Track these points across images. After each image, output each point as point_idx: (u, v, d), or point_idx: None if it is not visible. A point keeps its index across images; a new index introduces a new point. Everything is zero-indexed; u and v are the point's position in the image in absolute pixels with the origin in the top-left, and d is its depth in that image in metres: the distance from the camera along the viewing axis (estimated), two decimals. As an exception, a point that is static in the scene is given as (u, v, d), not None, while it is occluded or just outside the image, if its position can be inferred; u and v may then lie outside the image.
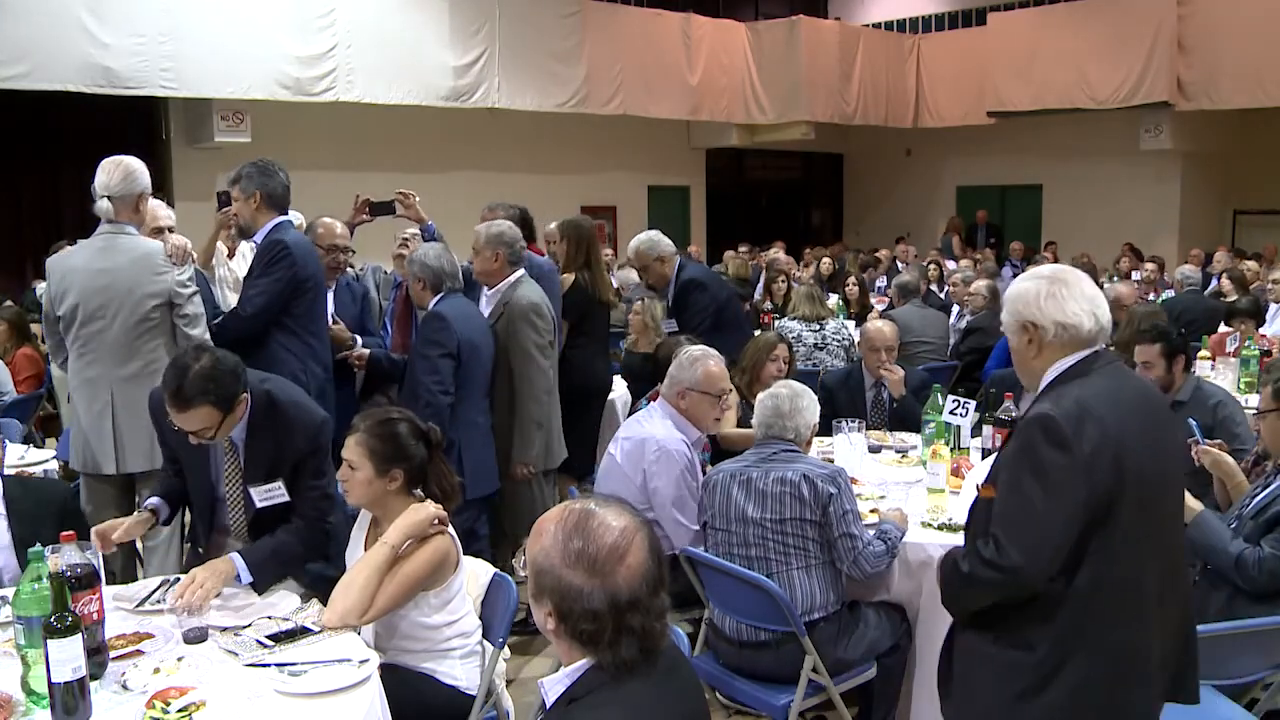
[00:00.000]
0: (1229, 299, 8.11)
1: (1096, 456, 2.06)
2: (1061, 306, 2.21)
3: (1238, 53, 12.59)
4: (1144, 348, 4.22)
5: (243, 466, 2.98)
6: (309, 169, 10.29)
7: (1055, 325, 2.21)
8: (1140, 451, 2.12)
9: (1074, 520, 2.07)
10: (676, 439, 3.62)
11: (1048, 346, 2.23)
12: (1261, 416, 3.27)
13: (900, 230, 16.18)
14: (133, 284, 3.62)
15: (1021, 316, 2.25)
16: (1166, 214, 14.66)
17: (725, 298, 5.66)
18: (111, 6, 9.12)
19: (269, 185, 3.96)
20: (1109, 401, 2.13)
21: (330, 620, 2.52)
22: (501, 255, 4.35)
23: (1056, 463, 2.07)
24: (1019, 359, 2.33)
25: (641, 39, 13.33)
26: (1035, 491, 2.09)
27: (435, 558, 2.65)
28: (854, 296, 8.74)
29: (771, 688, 3.13)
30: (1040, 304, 2.22)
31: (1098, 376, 2.18)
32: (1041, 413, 2.13)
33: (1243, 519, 3.10)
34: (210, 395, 2.75)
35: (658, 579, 1.67)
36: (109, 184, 3.63)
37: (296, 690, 2.22)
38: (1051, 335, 2.22)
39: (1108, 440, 2.07)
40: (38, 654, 2.12)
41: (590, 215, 13.99)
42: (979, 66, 14.86)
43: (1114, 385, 2.18)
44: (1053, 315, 2.21)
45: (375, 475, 2.67)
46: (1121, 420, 2.12)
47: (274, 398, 2.94)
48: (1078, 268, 2.48)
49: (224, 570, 2.75)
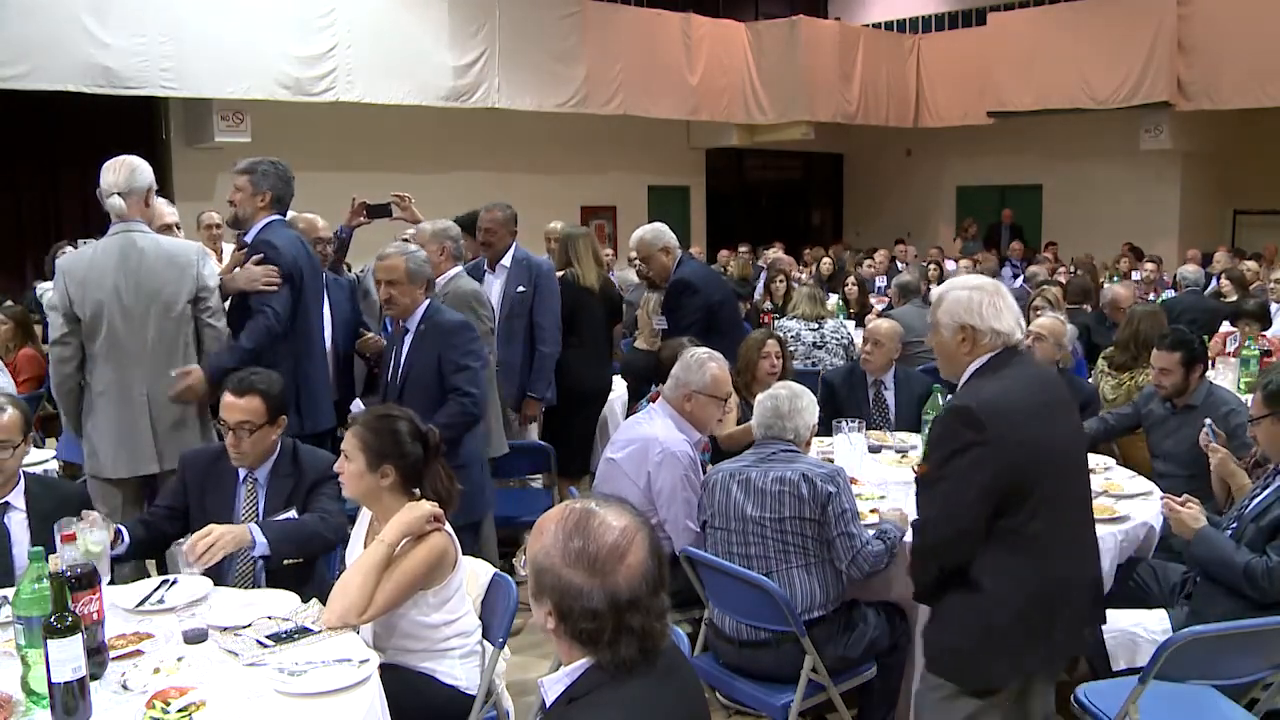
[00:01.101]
0: (1229, 299, 8.12)
1: (1007, 439, 2.45)
2: (999, 316, 2.61)
3: (1238, 53, 12.59)
4: (1163, 354, 4.21)
5: (264, 500, 3.07)
6: (309, 169, 10.22)
7: (991, 331, 2.60)
8: (1050, 427, 2.55)
9: (988, 494, 2.45)
10: (679, 440, 3.62)
11: (979, 347, 2.62)
12: (1256, 423, 3.27)
13: (900, 230, 16.19)
14: (163, 282, 3.63)
15: (961, 319, 2.63)
16: (1166, 214, 14.66)
17: (719, 300, 5.35)
18: (111, 6, 9.12)
19: (280, 190, 3.98)
20: (1022, 390, 2.54)
21: (330, 620, 2.52)
22: (447, 249, 4.43)
23: (970, 446, 2.45)
24: (948, 353, 2.70)
25: (641, 39, 13.33)
26: (952, 471, 2.49)
27: (433, 556, 2.65)
28: (854, 296, 8.75)
29: (771, 687, 3.12)
30: (982, 312, 2.60)
31: (1010, 369, 2.58)
32: (960, 404, 2.54)
33: (1243, 520, 3.11)
34: (264, 391, 3.03)
35: (658, 579, 1.67)
36: (117, 182, 3.62)
37: (296, 690, 2.22)
38: (986, 340, 2.61)
39: (1017, 425, 2.47)
40: (38, 654, 2.11)
41: (590, 215, 14.20)
42: (979, 66, 14.85)
43: (1024, 374, 2.60)
44: (991, 323, 2.60)
45: (367, 469, 2.70)
46: (1032, 406, 2.54)
47: (297, 446, 3.19)
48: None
49: (240, 535, 2.80)
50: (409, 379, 3.87)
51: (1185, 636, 2.56)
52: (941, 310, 2.68)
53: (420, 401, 3.65)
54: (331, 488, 3.06)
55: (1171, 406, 4.29)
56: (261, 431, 3.03)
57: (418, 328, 3.89)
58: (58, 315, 3.61)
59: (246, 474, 3.09)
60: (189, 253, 3.76)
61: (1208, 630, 2.59)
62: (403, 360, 3.91)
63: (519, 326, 4.88)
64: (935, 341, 2.73)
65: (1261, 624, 2.65)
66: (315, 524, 2.98)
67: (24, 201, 10.49)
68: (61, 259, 3.74)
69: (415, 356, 3.88)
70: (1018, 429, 2.46)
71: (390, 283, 3.84)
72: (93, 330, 3.59)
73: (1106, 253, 12.78)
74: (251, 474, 3.09)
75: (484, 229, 4.97)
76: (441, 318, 3.92)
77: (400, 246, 3.95)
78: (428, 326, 3.89)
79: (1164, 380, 4.24)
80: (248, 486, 3.09)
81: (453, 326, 3.90)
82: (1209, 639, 2.59)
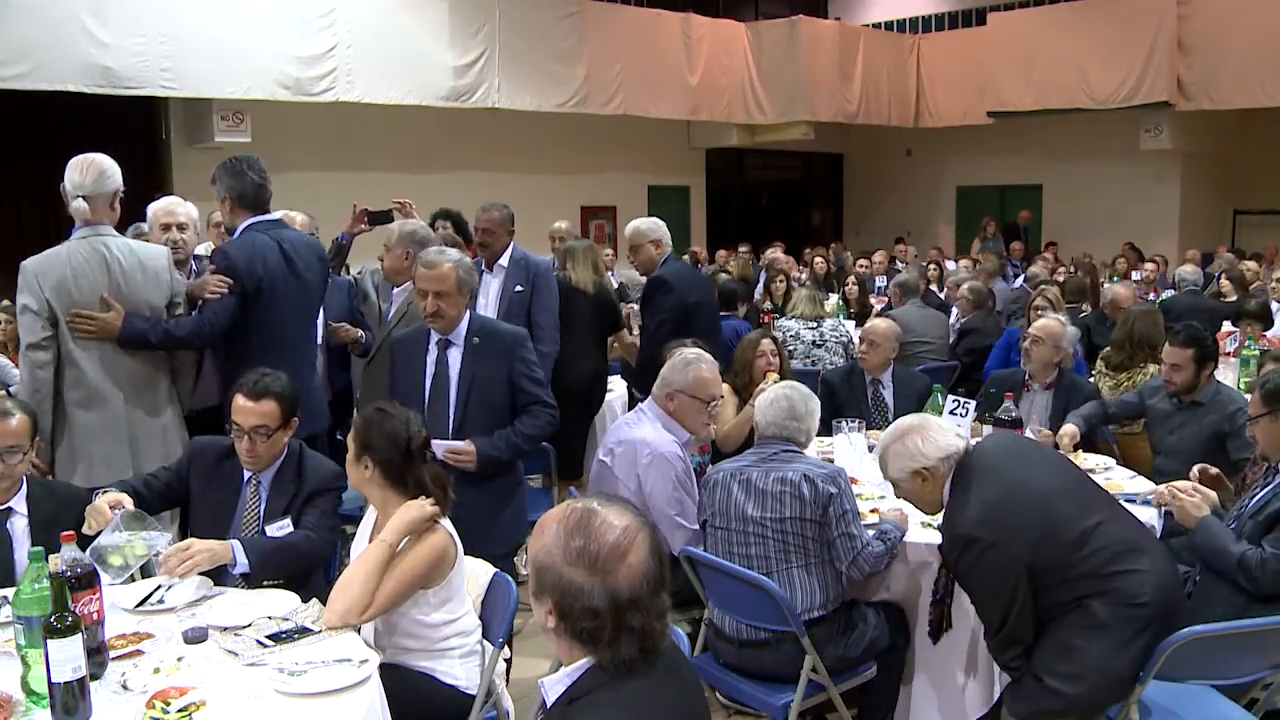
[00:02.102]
0: (1228, 299, 8.12)
1: (1015, 531, 2.64)
2: (935, 443, 2.82)
3: (1238, 53, 12.60)
4: (1176, 350, 4.19)
5: (265, 503, 3.04)
6: (309, 169, 10.35)
7: (940, 459, 2.82)
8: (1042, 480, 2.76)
9: (1019, 580, 2.64)
10: (668, 440, 3.58)
11: (939, 476, 2.83)
12: (1254, 422, 3.27)
13: (900, 230, 16.19)
14: (142, 287, 3.56)
15: (910, 468, 2.84)
16: (1166, 214, 14.66)
17: (694, 302, 5.18)
18: (111, 6, 9.11)
19: (237, 186, 3.78)
20: (993, 484, 2.74)
21: (331, 620, 2.52)
22: (412, 254, 4.30)
23: (983, 554, 2.66)
24: (920, 496, 2.90)
25: (641, 39, 13.33)
26: (979, 583, 2.73)
27: (433, 555, 2.65)
28: (854, 296, 8.75)
29: (771, 687, 3.12)
30: (923, 451, 2.82)
31: (975, 476, 2.77)
32: (955, 534, 2.73)
33: (1242, 518, 3.11)
34: (280, 394, 3.00)
35: (659, 579, 1.67)
36: (84, 184, 3.49)
37: (296, 690, 2.22)
38: (942, 468, 2.82)
39: (1008, 513, 2.67)
40: (38, 654, 2.11)
41: (590, 215, 14.19)
42: (979, 66, 14.86)
43: (984, 466, 2.80)
44: (935, 454, 2.81)
45: (354, 459, 2.75)
46: (1009, 488, 2.73)
47: (304, 450, 3.15)
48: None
49: (220, 552, 2.78)
50: (473, 394, 3.53)
51: (1184, 637, 2.57)
52: (891, 470, 2.91)
53: (488, 417, 3.53)
54: (326, 501, 3.03)
55: (1178, 402, 4.27)
56: (276, 435, 3.00)
57: (469, 340, 3.57)
58: (38, 319, 3.42)
59: (251, 475, 3.07)
60: (160, 257, 3.68)
61: (1207, 630, 2.59)
62: (455, 374, 3.56)
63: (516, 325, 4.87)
64: (904, 493, 2.95)
65: (1261, 624, 2.66)
66: (301, 543, 2.94)
67: (24, 202, 10.47)
68: (30, 261, 3.49)
69: (476, 370, 3.55)
70: (1012, 515, 2.67)
71: (439, 294, 3.48)
72: (70, 335, 3.45)
73: (1106, 253, 12.78)
74: (256, 476, 3.07)
75: (482, 229, 4.96)
76: (496, 327, 3.70)
77: (446, 253, 3.58)
78: (482, 338, 3.58)
79: (1174, 376, 4.21)
80: (251, 488, 3.07)
81: (517, 337, 3.68)
82: (1208, 639, 2.59)
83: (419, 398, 3.56)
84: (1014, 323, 6.95)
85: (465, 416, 3.54)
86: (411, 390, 3.58)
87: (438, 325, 3.56)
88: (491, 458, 3.50)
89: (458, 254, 3.61)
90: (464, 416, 3.54)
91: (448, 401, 3.56)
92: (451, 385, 3.57)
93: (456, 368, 3.58)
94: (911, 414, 3.13)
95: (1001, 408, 4.11)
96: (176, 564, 2.69)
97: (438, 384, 3.59)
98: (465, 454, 3.46)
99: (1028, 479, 2.77)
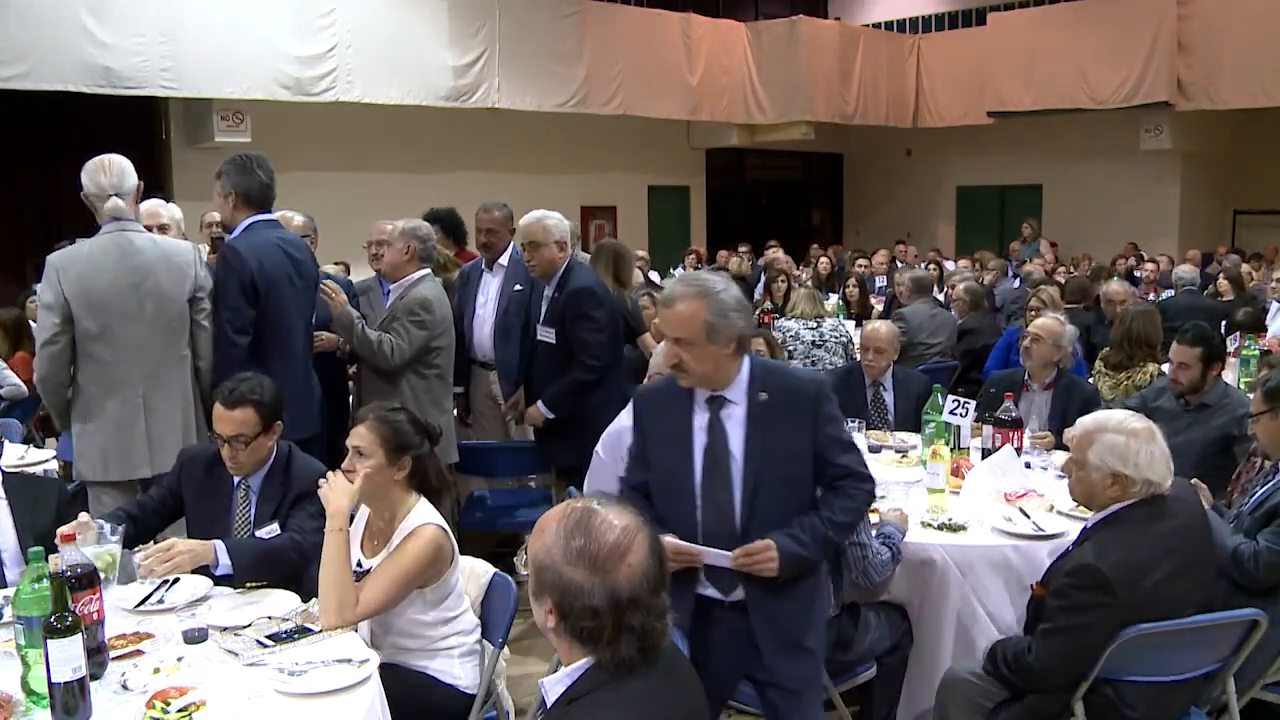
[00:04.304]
0: (1226, 299, 8.13)
1: (1133, 602, 2.51)
2: (1152, 465, 2.61)
3: (1238, 53, 12.59)
4: (1183, 349, 4.14)
5: (255, 506, 3.04)
6: (309, 169, 10.34)
7: (1145, 482, 2.61)
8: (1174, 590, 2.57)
9: (1106, 644, 2.52)
10: None
11: (1128, 494, 2.64)
12: (1255, 420, 3.27)
13: (900, 230, 16.18)
14: (163, 282, 3.57)
15: (1114, 468, 2.62)
16: (1166, 214, 14.66)
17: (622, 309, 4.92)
18: (111, 6, 9.11)
19: (245, 184, 3.80)
20: (1154, 549, 2.57)
21: (329, 620, 2.52)
22: (413, 248, 4.33)
23: (1097, 607, 2.52)
24: (1091, 488, 2.69)
25: (641, 39, 13.33)
26: (1073, 627, 2.56)
27: (429, 551, 2.65)
28: (854, 297, 8.74)
29: (772, 687, 3.10)
30: (1137, 461, 2.60)
31: (1148, 524, 2.60)
32: (1090, 564, 2.55)
33: (1242, 516, 3.12)
34: (257, 400, 2.96)
35: (658, 578, 1.67)
36: (113, 182, 3.54)
37: (296, 690, 2.22)
38: (1137, 488, 2.62)
39: (1143, 587, 2.53)
40: (38, 654, 2.11)
41: (590, 215, 14.18)
42: (979, 66, 14.85)
43: (1161, 529, 2.61)
44: (1145, 473, 2.61)
45: (386, 462, 2.70)
46: (1161, 568, 2.56)
47: (292, 452, 3.13)
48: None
49: (201, 552, 2.78)
50: (765, 472, 2.63)
51: (1129, 634, 2.53)
52: (1093, 451, 2.66)
53: (784, 502, 2.65)
54: (313, 504, 2.95)
55: (1185, 403, 4.21)
56: (257, 441, 2.98)
57: (752, 396, 2.66)
58: (52, 314, 3.45)
59: (240, 480, 3.06)
60: (186, 252, 3.71)
61: (1151, 628, 2.55)
62: (739, 446, 2.63)
63: (516, 325, 4.85)
64: (1078, 476, 2.73)
65: (1204, 620, 2.62)
66: (286, 547, 2.91)
67: (24, 202, 10.47)
68: (54, 255, 3.54)
69: (766, 437, 2.64)
70: (1144, 591, 2.53)
71: (680, 341, 2.58)
72: (90, 328, 3.47)
73: (1106, 253, 12.79)
74: (245, 481, 3.06)
75: (484, 229, 4.95)
76: (789, 378, 2.80)
77: (693, 282, 2.65)
78: (772, 393, 2.66)
79: (1181, 375, 4.16)
80: (241, 493, 3.07)
81: (819, 387, 2.75)
82: (1149, 635, 2.55)
83: (689, 479, 2.65)
84: (1013, 323, 6.94)
85: (754, 505, 2.62)
86: (676, 466, 2.67)
87: (688, 381, 2.65)
88: (799, 558, 2.59)
89: (706, 284, 2.61)
90: (752, 506, 2.62)
91: (729, 484, 2.63)
92: (734, 461, 2.63)
93: (740, 436, 2.64)
94: (1144, 418, 2.75)
95: (1001, 408, 4.11)
96: (158, 563, 2.70)
97: (713, 460, 2.65)
98: (763, 556, 2.55)
99: (1178, 572, 2.59)
